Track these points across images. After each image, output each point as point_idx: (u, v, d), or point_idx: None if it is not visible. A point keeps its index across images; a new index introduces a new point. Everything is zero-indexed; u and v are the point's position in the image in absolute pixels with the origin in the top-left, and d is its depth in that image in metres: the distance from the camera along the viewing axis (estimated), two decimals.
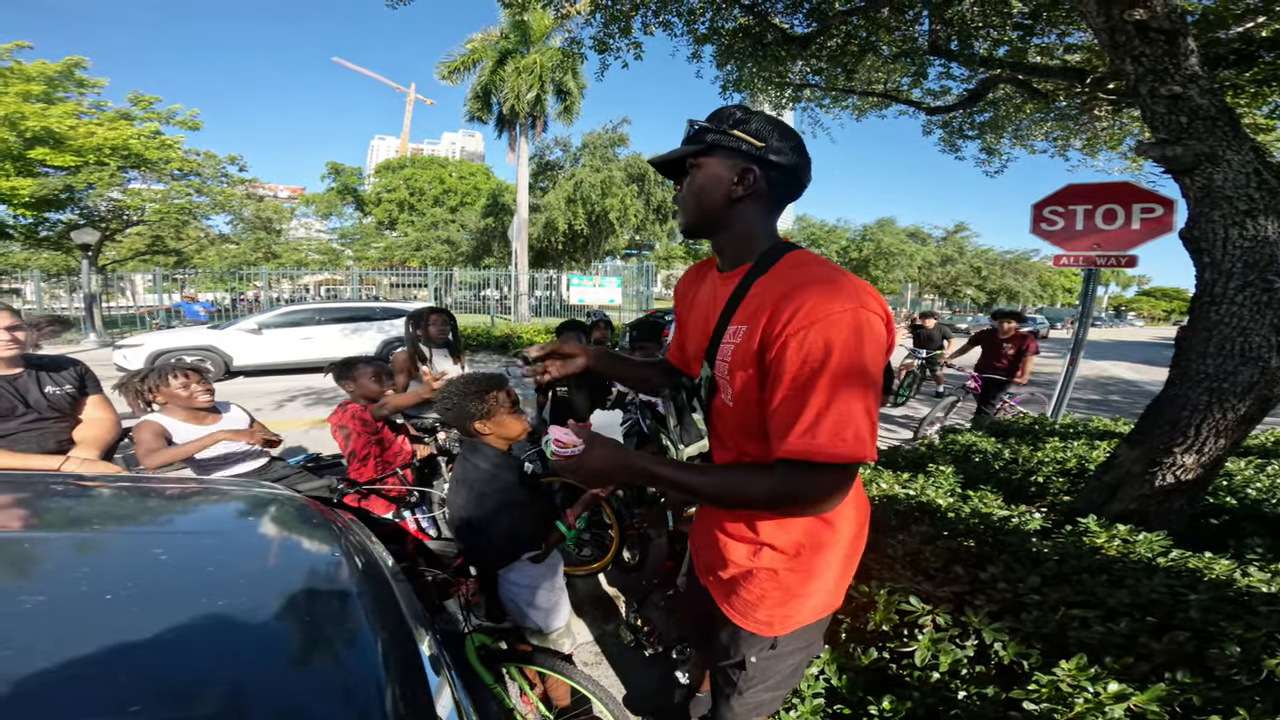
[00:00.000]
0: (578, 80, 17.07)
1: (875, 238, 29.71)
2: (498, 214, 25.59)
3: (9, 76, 12.26)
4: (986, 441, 2.92)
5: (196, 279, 17.62)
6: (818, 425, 0.76)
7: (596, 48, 4.37)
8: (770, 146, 0.89)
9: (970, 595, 1.39)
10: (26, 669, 0.58)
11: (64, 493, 1.21)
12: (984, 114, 5.19)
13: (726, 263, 1.00)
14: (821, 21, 4.09)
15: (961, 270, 34.89)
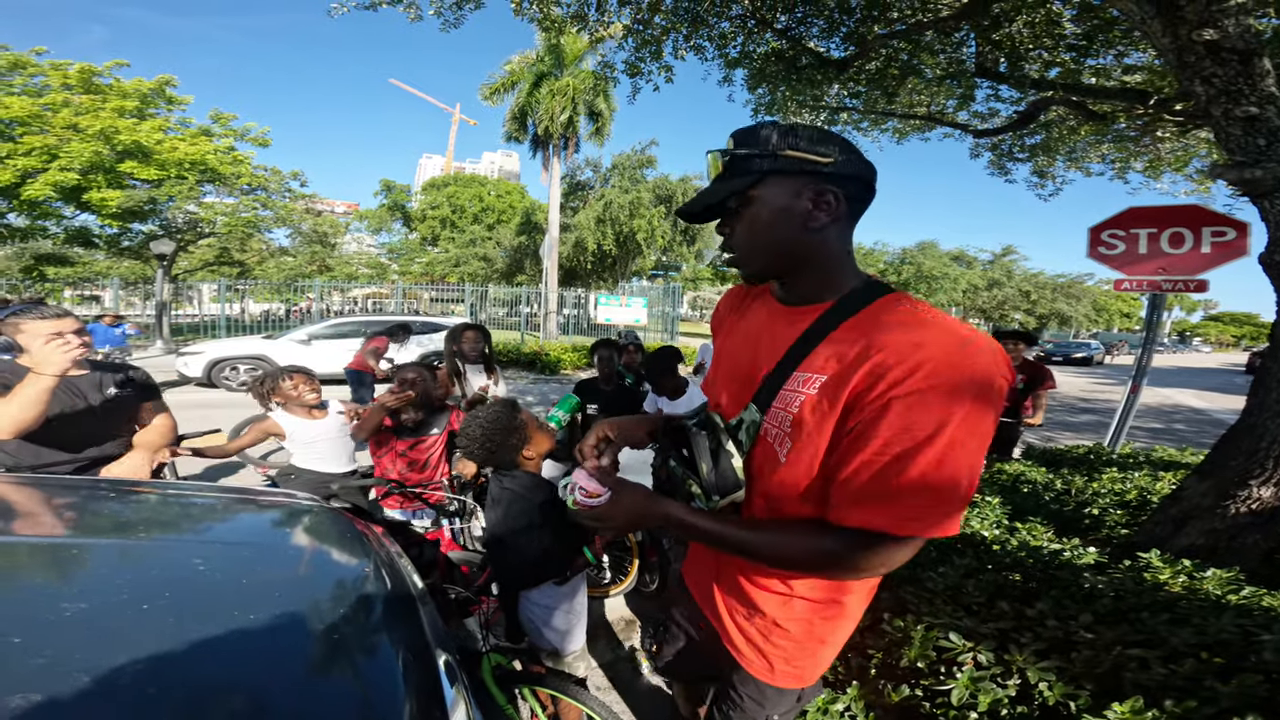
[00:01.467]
0: (609, 103, 17.54)
1: (916, 261, 29.01)
2: (531, 232, 26.30)
3: (108, 93, 13.44)
4: (1036, 471, 2.80)
5: (255, 289, 18.69)
6: (905, 499, 0.67)
7: (629, 71, 4.46)
8: (839, 159, 0.75)
9: (1015, 632, 1.32)
10: (60, 673, 0.59)
11: (103, 499, 1.25)
12: (1035, 136, 5.04)
13: (795, 296, 0.85)
14: (860, 45, 4.06)
15: (1009, 294, 33.57)
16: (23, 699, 0.54)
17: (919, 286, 29.08)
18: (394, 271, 31.17)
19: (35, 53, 13.28)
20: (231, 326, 14.24)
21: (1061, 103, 3.87)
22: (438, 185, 35.63)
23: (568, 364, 11.82)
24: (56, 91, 12.98)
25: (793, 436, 0.77)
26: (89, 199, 12.96)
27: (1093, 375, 19.66)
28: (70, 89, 13.12)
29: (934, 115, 5.16)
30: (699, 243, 25.04)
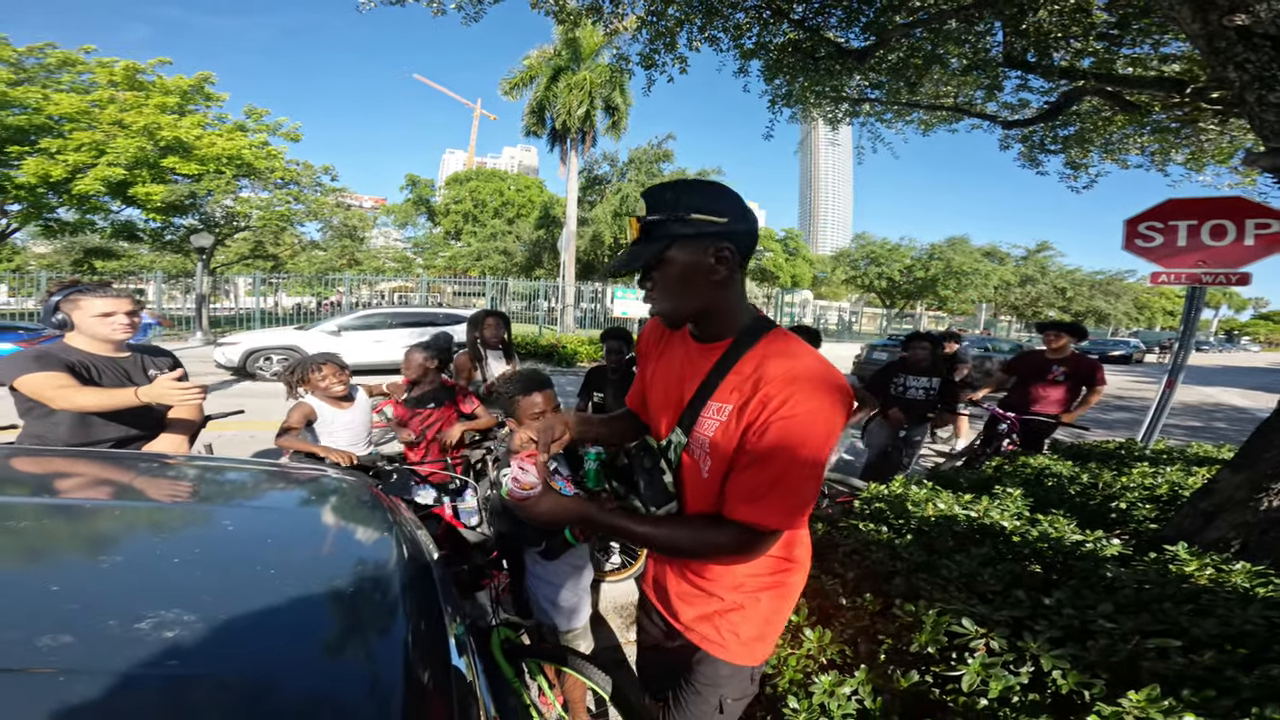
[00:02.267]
0: (625, 97, 17.59)
1: (945, 256, 28.25)
2: (549, 226, 26.48)
3: (151, 90, 13.94)
4: (1062, 465, 2.73)
5: (288, 283, 19.28)
6: (773, 500, 0.87)
7: (643, 63, 4.43)
8: (731, 216, 0.88)
9: (1030, 620, 1.32)
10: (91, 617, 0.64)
11: (152, 470, 1.32)
12: (1068, 127, 4.86)
13: (705, 334, 0.99)
14: (880, 35, 3.96)
15: (1043, 291, 32.45)
16: (51, 639, 0.58)
17: (948, 283, 28.28)
18: (419, 265, 31.78)
19: (84, 51, 13.82)
20: (266, 319, 14.70)
21: (1095, 93, 3.74)
22: (460, 180, 36.10)
23: (584, 356, 11.94)
24: (103, 89, 13.50)
25: (711, 455, 0.94)
26: (134, 193, 13.52)
27: (1130, 373, 19.05)
28: (116, 86, 13.64)
29: (961, 106, 5.01)
30: None
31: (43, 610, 0.64)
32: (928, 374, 3.70)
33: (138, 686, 0.55)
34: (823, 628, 1.52)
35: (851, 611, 1.56)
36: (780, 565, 1.06)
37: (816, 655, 1.49)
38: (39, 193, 13.02)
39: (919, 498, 2.09)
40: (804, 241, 39.00)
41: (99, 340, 1.87)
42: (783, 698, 1.40)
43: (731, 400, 0.90)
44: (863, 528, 1.93)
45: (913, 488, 2.23)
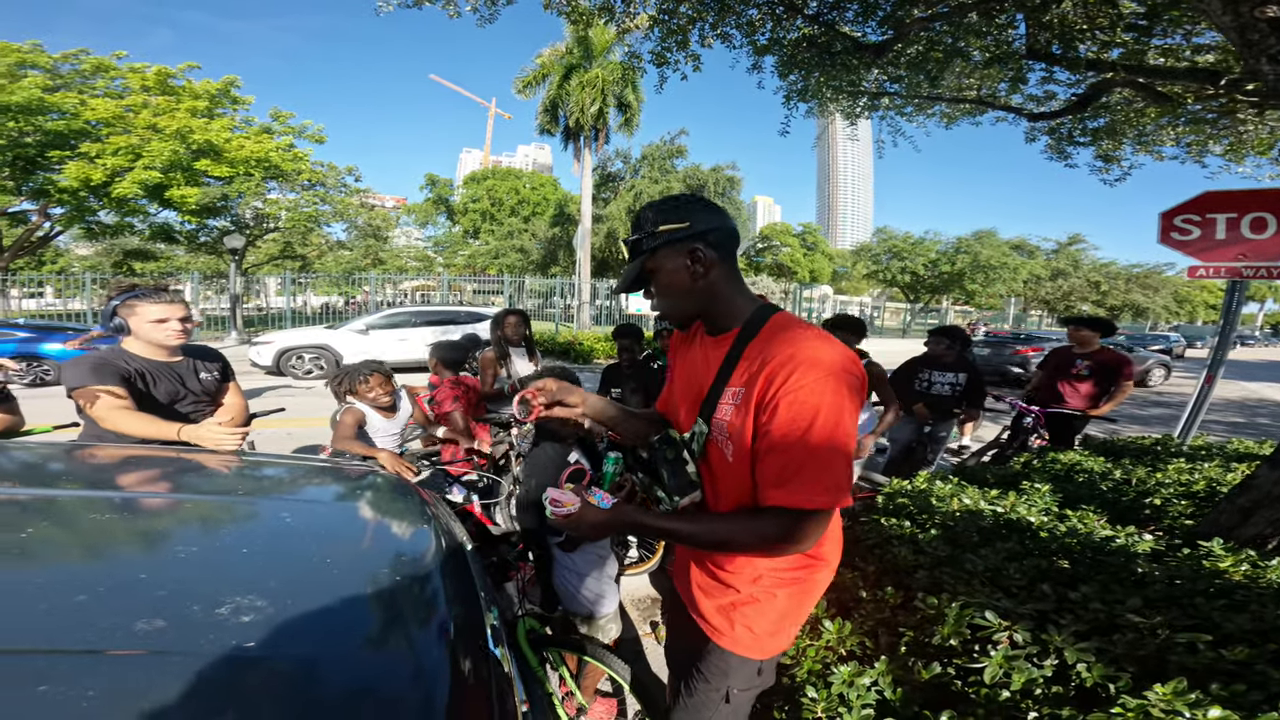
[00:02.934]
0: (637, 93, 17.62)
1: (972, 250, 27.61)
2: (564, 224, 26.68)
3: (181, 94, 14.30)
4: (1094, 461, 2.68)
5: (316, 282, 19.81)
6: (803, 480, 0.87)
7: (655, 61, 4.40)
8: (696, 222, 0.97)
9: (1056, 614, 1.31)
10: (179, 602, 0.69)
11: (208, 467, 1.40)
12: (1098, 119, 4.73)
13: (714, 328, 1.07)
14: (898, 29, 3.90)
15: (1076, 285, 31.48)
16: (146, 623, 0.63)
17: (975, 277, 27.63)
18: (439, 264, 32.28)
19: (116, 57, 14.22)
20: (296, 318, 15.09)
21: (1124, 84, 3.64)
22: (477, 179, 36.41)
23: (600, 353, 12.05)
24: (136, 93, 13.88)
25: (731, 439, 0.98)
26: (170, 196, 13.93)
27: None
28: (148, 91, 14.03)
29: (984, 99, 4.91)
30: None
31: (136, 597, 0.70)
32: (953, 369, 3.66)
33: (221, 668, 0.58)
34: (842, 619, 1.53)
35: (872, 604, 1.57)
36: (803, 561, 1.07)
37: (835, 646, 1.51)
38: (81, 196, 13.47)
39: (944, 493, 2.09)
40: (822, 236, 38.43)
41: (153, 345, 1.91)
42: (800, 687, 1.41)
43: (742, 383, 0.96)
44: (885, 523, 1.94)
45: (937, 483, 2.22)
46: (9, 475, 1.19)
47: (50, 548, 0.84)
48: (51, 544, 0.85)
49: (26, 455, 1.35)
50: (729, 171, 25.02)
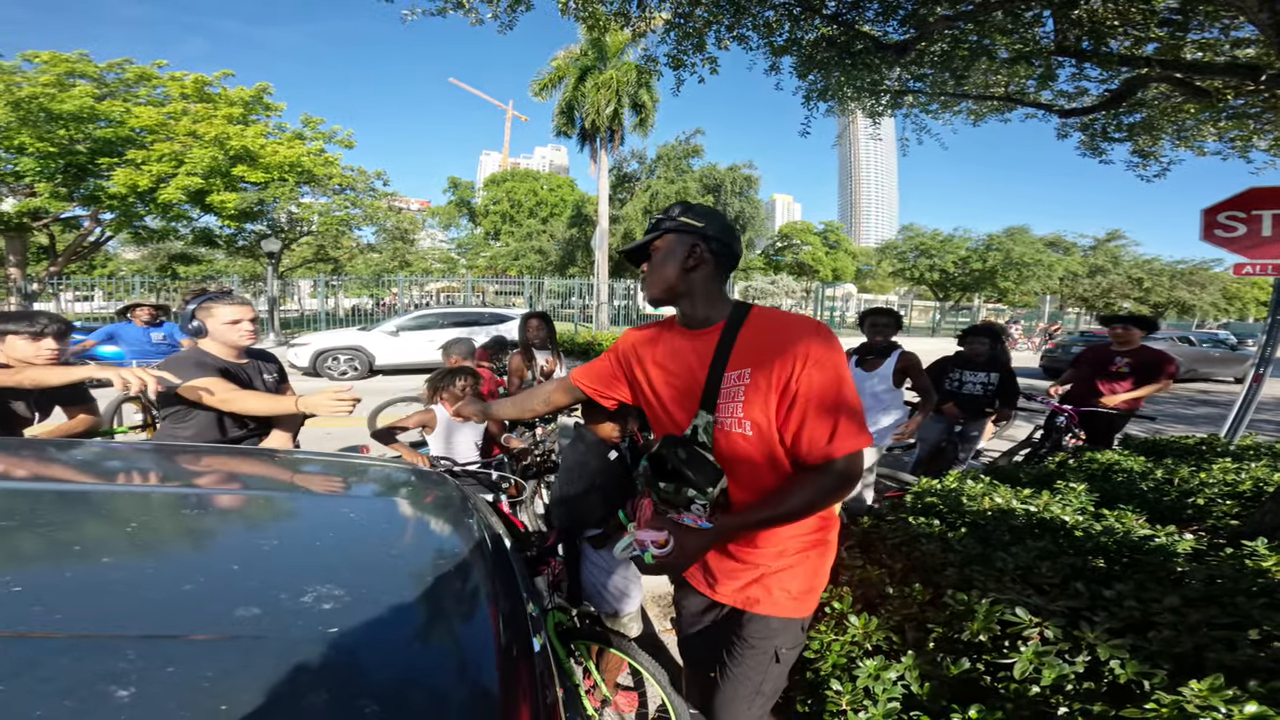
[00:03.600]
0: (651, 94, 17.71)
1: (1003, 247, 26.87)
2: (581, 224, 26.77)
3: (218, 101, 14.77)
4: (1134, 460, 2.62)
5: (347, 285, 20.37)
6: (850, 428, 1.02)
7: (671, 65, 4.40)
8: (708, 225, 1.11)
9: (1089, 612, 1.29)
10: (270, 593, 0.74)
11: (277, 464, 1.46)
12: (1133, 115, 4.59)
13: (694, 323, 1.17)
14: (920, 27, 3.85)
15: (1116, 281, 30.35)
16: (244, 610, 0.68)
17: (1008, 274, 26.92)
18: (462, 266, 32.78)
19: (157, 66, 14.76)
20: (329, 320, 15.55)
21: (1160, 80, 3.55)
22: (497, 181, 36.78)
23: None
24: (176, 101, 14.37)
25: (748, 414, 1.07)
26: (211, 201, 14.45)
27: None
28: (187, 98, 14.52)
29: (1012, 96, 4.81)
30: (750, 231, 24.52)
31: (233, 586, 0.75)
32: (986, 369, 3.62)
33: (307, 654, 0.62)
34: (868, 615, 1.53)
35: (899, 600, 1.58)
36: (820, 523, 1.17)
37: (861, 641, 1.51)
38: (129, 202, 14.04)
39: (974, 492, 2.09)
40: (845, 234, 37.82)
41: (227, 346, 2.02)
42: (825, 681, 1.42)
43: (749, 364, 1.07)
44: (913, 521, 1.95)
45: (968, 482, 2.22)
46: (109, 473, 1.29)
47: (153, 540, 0.91)
48: (154, 537, 0.93)
49: (123, 454, 1.48)
50: (746, 170, 24.85)
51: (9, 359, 1.93)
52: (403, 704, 0.60)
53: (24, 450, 1.43)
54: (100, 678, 0.53)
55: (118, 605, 0.68)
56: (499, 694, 0.68)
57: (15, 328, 1.91)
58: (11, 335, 1.91)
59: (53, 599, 0.66)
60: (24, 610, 0.63)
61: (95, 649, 0.58)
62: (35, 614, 0.63)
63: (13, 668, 0.54)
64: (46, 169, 12.92)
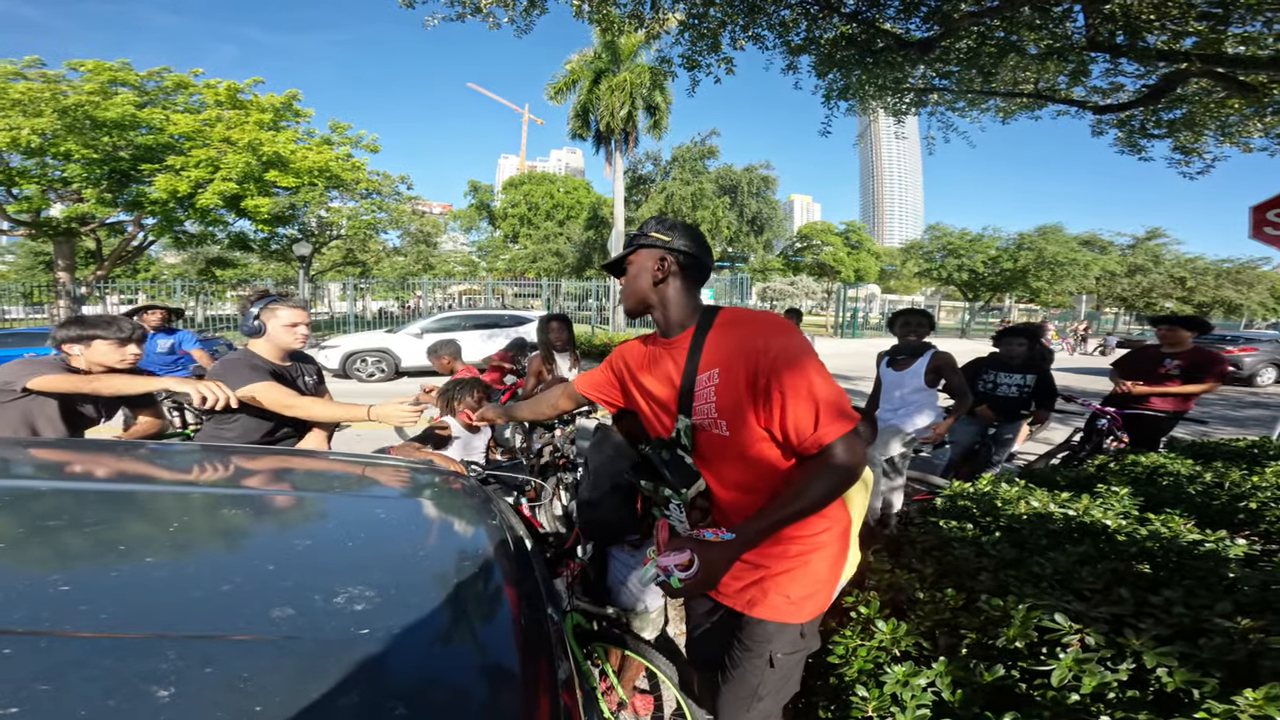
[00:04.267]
0: (665, 96, 17.70)
1: (1036, 246, 26.13)
2: (597, 226, 26.89)
3: (250, 108, 15.18)
4: (1180, 463, 2.53)
5: (374, 288, 20.80)
6: (833, 411, 1.03)
7: (686, 65, 4.40)
8: (675, 240, 1.17)
9: (1134, 618, 1.25)
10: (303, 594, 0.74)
11: (318, 465, 1.48)
12: (1173, 110, 4.44)
13: (670, 331, 1.21)
14: (945, 24, 3.79)
15: (1157, 280, 29.27)
16: (279, 611, 0.69)
17: (1040, 274, 26.16)
18: (482, 268, 33.16)
19: (193, 74, 15.27)
20: (357, 322, 15.84)
21: (1202, 74, 3.42)
22: (515, 184, 36.92)
23: None
24: (211, 108, 14.83)
25: (720, 414, 1.11)
26: (245, 206, 14.90)
27: None
28: (221, 105, 14.98)
29: (1043, 92, 4.70)
30: (768, 232, 24.32)
31: (269, 586, 0.76)
32: (1021, 370, 3.55)
33: (340, 655, 0.62)
34: (897, 620, 1.50)
35: (930, 605, 1.55)
36: (823, 525, 1.16)
37: (889, 647, 1.49)
38: (169, 207, 14.55)
39: (1009, 495, 2.05)
40: (868, 234, 37.17)
41: (280, 348, 2.05)
42: (850, 687, 1.40)
43: (716, 365, 1.10)
44: (944, 525, 1.92)
45: (1003, 485, 2.18)
46: (153, 473, 1.34)
47: (194, 540, 0.94)
48: (195, 537, 0.96)
49: (165, 455, 1.51)
50: (763, 170, 24.61)
51: (89, 363, 2.00)
52: (427, 705, 0.61)
53: (73, 451, 1.48)
54: (142, 677, 0.54)
55: (160, 604, 0.69)
56: (521, 697, 0.69)
57: (103, 333, 1.99)
58: (99, 340, 1.99)
59: (99, 598, 0.68)
60: (72, 609, 0.65)
61: (138, 649, 0.60)
62: (82, 613, 0.64)
63: (59, 667, 0.55)
64: (92, 175, 13.47)
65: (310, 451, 1.94)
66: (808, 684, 1.61)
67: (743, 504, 1.17)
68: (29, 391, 1.91)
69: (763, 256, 27.66)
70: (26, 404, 1.95)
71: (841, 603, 1.69)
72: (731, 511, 1.19)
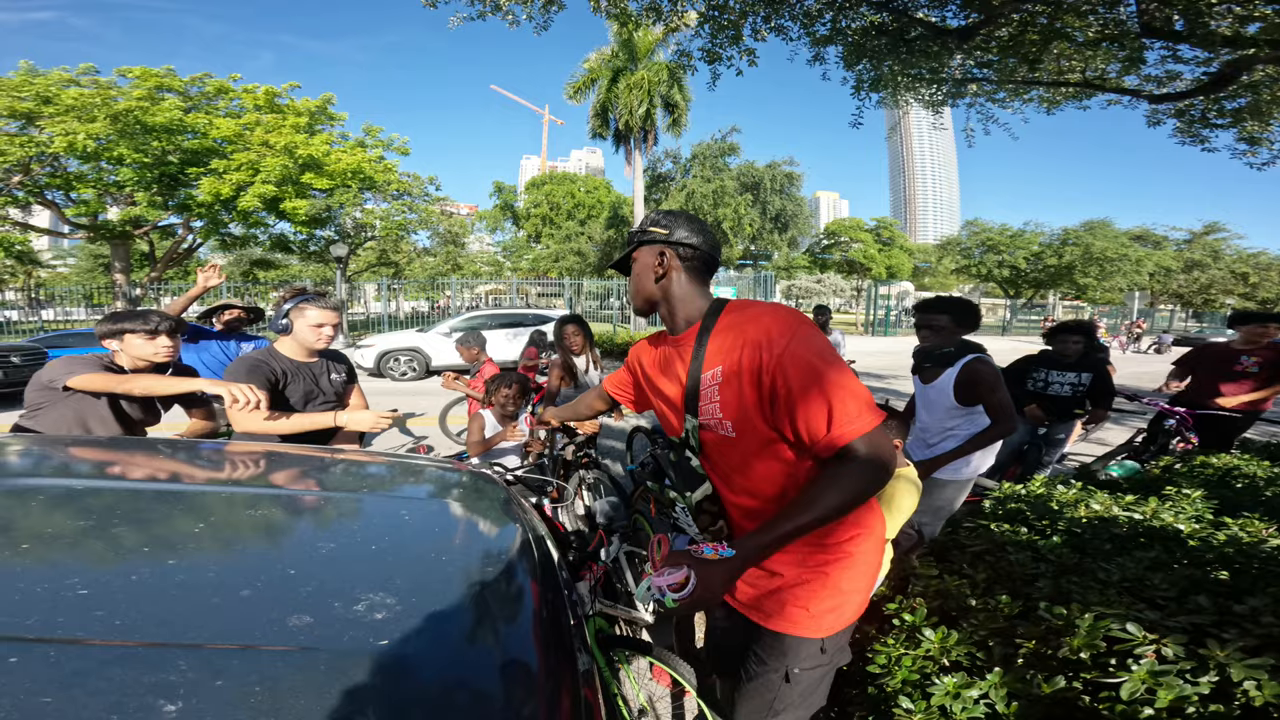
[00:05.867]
0: (684, 93, 17.60)
1: (1082, 241, 25.05)
2: (618, 225, 26.97)
3: (286, 112, 15.60)
4: (1256, 465, 2.43)
5: (406, 288, 21.27)
6: (849, 409, 0.92)
7: (706, 59, 4.30)
8: (673, 233, 1.11)
9: (1217, 629, 1.19)
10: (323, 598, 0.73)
11: (338, 464, 1.48)
12: (1238, 99, 4.15)
13: (677, 328, 1.15)
14: (984, 11, 3.62)
15: (1217, 276, 27.77)
16: (297, 619, 0.67)
17: (1088, 270, 25.21)
18: (507, 268, 33.60)
19: (232, 79, 15.81)
20: (391, 322, 16.20)
21: (1269, 61, 3.21)
22: (537, 184, 37.14)
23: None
24: (250, 113, 15.30)
25: (725, 415, 1.04)
26: (284, 208, 15.36)
27: None
28: (259, 110, 15.44)
29: (1091, 81, 4.46)
30: (792, 230, 23.93)
31: (289, 592, 0.75)
32: (1076, 369, 3.40)
33: (359, 664, 0.61)
34: (947, 629, 1.46)
35: (984, 613, 1.50)
36: (847, 533, 1.06)
37: (937, 657, 1.44)
38: (214, 209, 15.10)
39: (1067, 498, 1.99)
40: (900, 230, 36.22)
41: (304, 346, 2.07)
42: (892, 697, 1.35)
43: (719, 363, 1.03)
44: (996, 528, 1.87)
45: (1058, 487, 2.11)
46: (180, 473, 1.33)
47: (214, 542, 0.91)
48: (216, 538, 0.94)
49: (193, 454, 1.50)
50: (787, 167, 24.17)
51: (130, 359, 2.05)
52: (447, 716, 0.60)
53: (97, 449, 1.49)
54: (151, 689, 0.52)
55: (176, 611, 0.68)
56: (543, 705, 0.68)
57: (132, 326, 2.02)
58: (129, 334, 2.02)
59: (115, 603, 0.67)
60: (88, 615, 0.63)
61: (148, 658, 0.58)
62: (97, 618, 0.62)
63: (68, 676, 0.54)
64: (143, 179, 14.08)
65: (336, 450, 1.90)
66: (844, 694, 1.59)
67: (754, 510, 1.10)
68: (70, 390, 1.93)
69: (787, 254, 27.23)
70: (78, 403, 1.97)
71: (883, 609, 1.66)
72: (743, 518, 1.14)
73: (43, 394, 1.95)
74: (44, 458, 1.34)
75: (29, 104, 12.74)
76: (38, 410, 1.98)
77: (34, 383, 1.97)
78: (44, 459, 1.33)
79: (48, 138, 12.75)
